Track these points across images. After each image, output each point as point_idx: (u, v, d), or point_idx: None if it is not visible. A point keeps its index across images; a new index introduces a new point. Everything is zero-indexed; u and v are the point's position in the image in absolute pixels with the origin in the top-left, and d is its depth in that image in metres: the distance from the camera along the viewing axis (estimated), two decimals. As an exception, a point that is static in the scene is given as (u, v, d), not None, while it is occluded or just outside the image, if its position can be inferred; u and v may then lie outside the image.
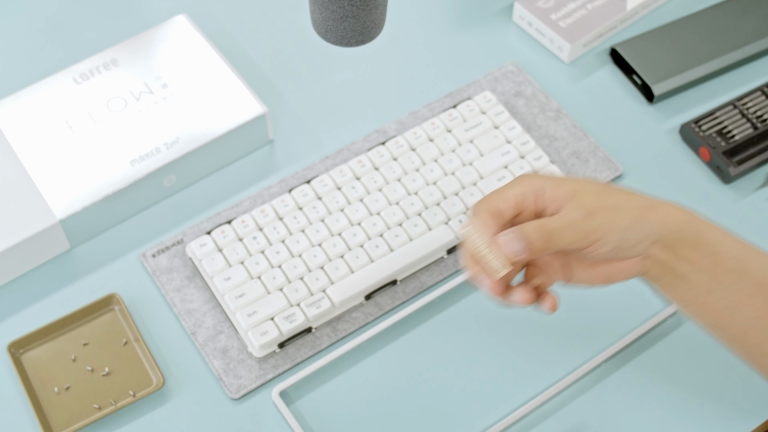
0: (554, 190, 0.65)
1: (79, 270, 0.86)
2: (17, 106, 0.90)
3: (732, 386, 0.79)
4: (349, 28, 0.72)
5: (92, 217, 0.86)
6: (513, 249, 0.64)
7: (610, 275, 0.68)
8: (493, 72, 0.97)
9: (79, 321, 0.82)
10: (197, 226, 0.87)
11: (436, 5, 1.03)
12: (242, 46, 0.99)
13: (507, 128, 0.90)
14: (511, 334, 0.82)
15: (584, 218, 0.64)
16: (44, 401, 0.78)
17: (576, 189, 0.65)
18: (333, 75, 0.98)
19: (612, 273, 0.67)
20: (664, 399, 0.78)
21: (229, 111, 0.90)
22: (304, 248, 0.84)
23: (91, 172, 0.86)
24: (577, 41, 0.97)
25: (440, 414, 0.78)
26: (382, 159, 0.89)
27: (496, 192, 0.66)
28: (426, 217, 0.85)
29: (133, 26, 1.00)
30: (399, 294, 0.83)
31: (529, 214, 0.66)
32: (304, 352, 0.81)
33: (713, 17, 0.98)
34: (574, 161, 0.91)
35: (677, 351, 0.81)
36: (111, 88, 0.91)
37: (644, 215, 0.65)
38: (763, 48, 0.97)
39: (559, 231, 0.64)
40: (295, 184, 0.89)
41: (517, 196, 0.66)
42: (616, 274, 0.67)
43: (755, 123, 0.92)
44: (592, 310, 0.82)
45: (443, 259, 0.85)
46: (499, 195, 0.66)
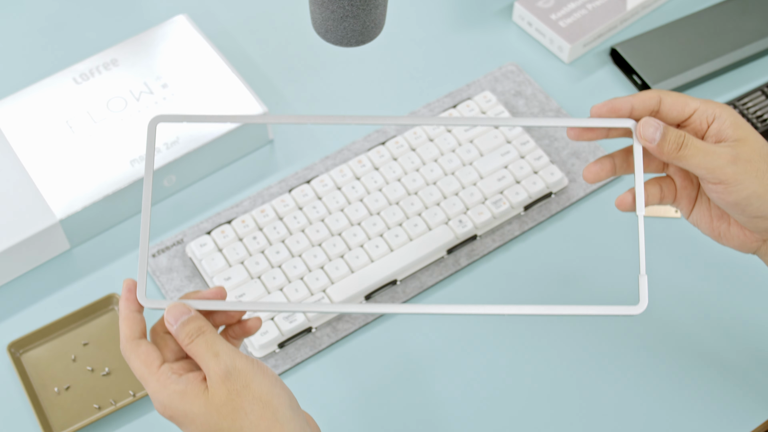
0: (729, 129, 0.66)
1: (79, 270, 0.86)
2: (17, 106, 0.90)
3: (732, 386, 0.79)
4: (349, 28, 0.72)
5: (92, 217, 0.86)
6: (647, 133, 0.65)
7: (724, 234, 0.69)
8: (493, 72, 0.97)
9: (79, 321, 0.82)
10: (197, 226, 0.87)
11: (436, 5, 1.03)
12: (242, 46, 0.99)
13: (507, 128, 0.90)
14: (513, 334, 0.82)
15: (729, 159, 0.64)
16: (44, 401, 0.78)
17: (745, 137, 0.66)
18: (333, 75, 0.98)
19: (728, 233, 0.68)
20: (664, 399, 0.78)
21: (229, 111, 0.90)
22: (304, 248, 0.84)
23: (91, 172, 0.86)
24: (577, 41, 0.97)
25: (437, 413, 0.78)
26: (382, 159, 0.89)
27: (684, 95, 0.68)
28: (426, 217, 0.85)
29: (133, 26, 1.00)
30: (399, 294, 0.83)
31: (696, 127, 0.67)
32: (304, 352, 0.81)
33: (713, 17, 0.98)
34: (574, 161, 0.91)
35: (677, 351, 0.81)
36: (111, 88, 0.91)
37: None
38: (763, 48, 0.97)
39: (696, 150, 0.65)
40: (295, 184, 0.89)
41: (698, 108, 0.67)
42: (731, 237, 0.69)
43: (755, 123, 0.92)
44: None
45: (443, 259, 0.85)
46: (684, 98, 0.67)
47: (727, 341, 0.81)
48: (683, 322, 0.82)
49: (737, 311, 0.82)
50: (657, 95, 0.68)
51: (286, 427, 0.59)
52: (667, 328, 0.82)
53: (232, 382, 0.59)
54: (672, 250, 0.85)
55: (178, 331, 0.62)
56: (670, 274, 0.84)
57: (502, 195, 0.87)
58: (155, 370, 0.61)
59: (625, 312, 0.63)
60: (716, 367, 0.79)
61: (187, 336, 0.61)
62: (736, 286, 0.83)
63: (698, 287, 0.84)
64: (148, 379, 0.61)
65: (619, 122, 0.67)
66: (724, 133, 0.66)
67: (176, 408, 0.60)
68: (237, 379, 0.60)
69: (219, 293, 0.65)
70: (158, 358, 0.61)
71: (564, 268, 0.85)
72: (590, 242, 0.86)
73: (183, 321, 0.62)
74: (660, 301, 0.83)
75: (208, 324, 0.62)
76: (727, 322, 0.82)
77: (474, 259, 0.85)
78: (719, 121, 0.66)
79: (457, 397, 0.79)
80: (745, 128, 0.66)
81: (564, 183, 0.89)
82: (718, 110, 0.67)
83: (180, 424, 0.61)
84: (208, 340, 0.61)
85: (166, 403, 0.60)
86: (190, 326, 0.61)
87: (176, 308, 0.62)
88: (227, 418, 0.59)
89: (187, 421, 0.60)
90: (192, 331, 0.61)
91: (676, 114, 0.68)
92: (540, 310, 0.63)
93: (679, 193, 0.70)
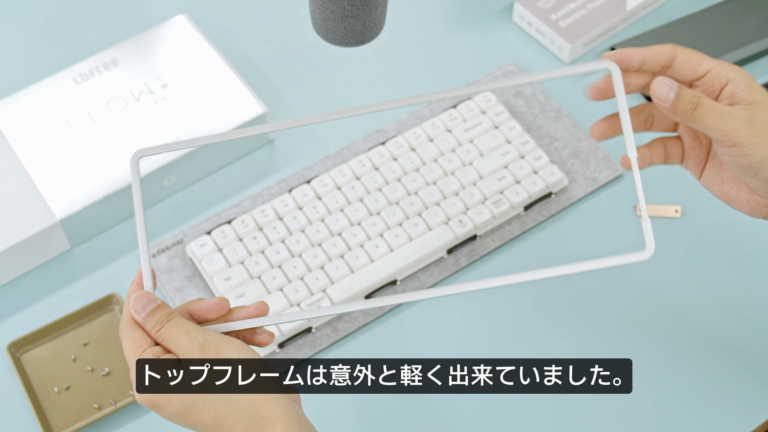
0: (744, 91, 0.65)
1: (79, 270, 0.86)
2: (17, 106, 0.90)
3: (732, 386, 0.79)
4: (349, 28, 0.72)
5: (92, 217, 0.86)
6: (661, 92, 0.64)
7: (735, 197, 0.68)
8: (493, 72, 0.97)
9: (79, 321, 0.82)
10: (197, 226, 0.87)
11: (436, 5, 1.03)
12: (242, 46, 0.99)
13: (507, 128, 0.90)
14: (515, 334, 0.82)
15: (744, 121, 0.63)
16: (44, 401, 0.78)
17: (760, 100, 0.64)
18: (333, 75, 0.98)
19: (738, 197, 0.68)
20: (664, 399, 0.78)
21: (229, 111, 0.90)
22: (304, 248, 0.84)
23: (91, 172, 0.86)
24: (577, 41, 0.97)
25: (437, 413, 0.78)
26: (382, 159, 0.89)
27: (699, 54, 0.66)
28: (426, 217, 0.85)
29: (133, 26, 1.00)
30: (399, 294, 0.83)
31: (710, 88, 0.66)
32: (304, 352, 0.81)
33: (713, 17, 0.98)
34: (574, 161, 0.91)
35: (677, 351, 0.81)
36: (111, 88, 0.91)
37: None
38: (763, 48, 0.97)
39: (711, 111, 0.63)
40: (295, 184, 0.89)
41: (712, 69, 0.65)
42: (741, 201, 0.68)
43: (755, 123, 0.92)
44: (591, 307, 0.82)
45: (443, 259, 0.85)
46: (698, 56, 0.66)
47: (721, 347, 0.81)
48: (685, 320, 0.82)
49: (739, 310, 0.82)
50: (671, 50, 0.66)
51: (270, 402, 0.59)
52: (661, 334, 0.82)
53: (205, 353, 0.60)
54: (672, 249, 0.85)
55: (146, 319, 0.62)
56: (670, 274, 0.84)
57: (502, 195, 0.87)
58: (140, 355, 0.61)
59: (633, 260, 0.61)
60: (716, 367, 0.79)
61: (157, 323, 0.61)
62: (736, 287, 0.83)
63: (698, 287, 0.84)
64: (133, 363, 0.61)
65: (597, 64, 0.65)
66: (738, 96, 0.65)
67: (153, 396, 0.60)
68: (209, 349, 0.60)
69: (262, 308, 0.65)
70: (147, 343, 0.62)
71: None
72: (590, 242, 0.86)
73: (151, 309, 0.62)
74: (661, 298, 0.83)
75: (175, 312, 0.62)
76: (721, 329, 0.82)
77: (474, 259, 0.85)
78: (733, 83, 0.65)
79: (458, 396, 0.79)
80: (760, 91, 0.65)
81: (564, 183, 0.89)
82: (732, 72, 0.65)
83: (158, 407, 0.61)
84: (178, 322, 0.61)
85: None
86: (159, 313, 0.62)
87: (142, 297, 0.62)
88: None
89: (163, 401, 0.60)
90: (161, 317, 0.61)
91: (688, 72, 0.66)
92: (544, 274, 0.62)
93: (687, 154, 0.69)
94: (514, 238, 0.87)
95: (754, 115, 0.63)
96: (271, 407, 0.59)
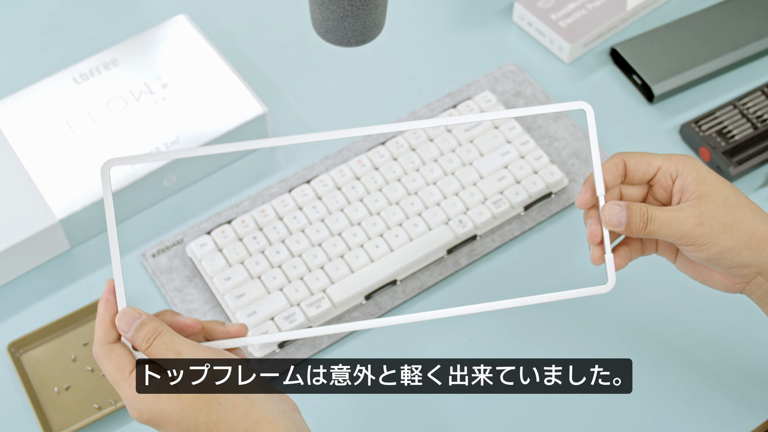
0: (692, 185, 0.67)
1: (79, 270, 0.86)
2: (17, 106, 0.90)
3: (732, 386, 0.79)
4: (349, 28, 0.72)
5: (92, 217, 0.86)
6: (612, 220, 0.66)
7: (708, 279, 0.70)
8: (493, 72, 0.97)
9: (79, 321, 0.82)
10: (197, 226, 0.87)
11: (436, 5, 1.03)
12: (242, 46, 0.99)
13: (507, 128, 0.90)
14: (516, 335, 0.82)
15: (694, 223, 0.65)
16: (44, 401, 0.78)
17: (707, 192, 0.66)
18: (333, 75, 0.98)
19: (711, 279, 0.70)
20: (664, 399, 0.78)
21: (229, 111, 0.90)
22: (304, 248, 0.84)
23: (91, 172, 0.86)
24: (577, 41, 0.97)
25: (438, 413, 0.78)
26: (382, 159, 0.89)
27: (647, 154, 0.68)
28: (426, 217, 0.85)
29: (133, 26, 1.00)
30: (399, 294, 0.83)
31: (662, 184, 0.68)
32: (304, 352, 0.81)
33: (713, 17, 0.98)
34: (574, 161, 0.91)
35: (677, 351, 0.81)
36: (111, 88, 0.91)
37: (758, 246, 0.66)
38: (763, 48, 0.97)
39: (660, 223, 0.65)
40: (295, 184, 0.89)
41: (662, 166, 0.67)
42: (715, 282, 0.70)
43: (755, 123, 0.92)
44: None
45: (443, 259, 0.85)
46: (647, 157, 0.68)
47: (722, 347, 0.81)
48: (685, 320, 0.82)
49: (739, 309, 0.82)
50: (620, 159, 0.68)
51: (263, 408, 0.59)
52: (661, 334, 0.82)
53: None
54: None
55: (134, 336, 0.61)
56: (670, 274, 0.84)
57: (502, 195, 0.87)
58: (127, 375, 0.60)
59: (594, 292, 0.65)
60: (716, 367, 0.79)
61: (144, 340, 0.60)
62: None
63: (698, 286, 0.84)
64: (121, 385, 0.60)
65: (572, 105, 0.67)
66: (687, 190, 0.67)
67: (151, 411, 0.60)
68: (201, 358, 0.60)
69: (242, 331, 0.65)
70: (131, 363, 0.61)
71: (564, 268, 0.85)
72: (590, 242, 0.86)
73: (136, 326, 0.61)
74: (661, 299, 0.83)
75: (162, 324, 0.61)
76: (721, 329, 0.82)
77: (474, 259, 0.85)
78: (682, 177, 0.67)
79: (458, 396, 0.79)
80: (707, 182, 0.67)
81: (564, 183, 0.89)
82: (681, 165, 0.67)
83: (158, 427, 0.60)
84: (167, 340, 0.60)
85: (140, 407, 0.60)
86: (146, 329, 0.61)
87: (127, 314, 0.61)
88: (202, 411, 0.59)
89: (164, 422, 0.60)
90: (148, 334, 0.60)
91: (641, 174, 0.68)
92: (509, 304, 0.66)
93: (660, 245, 0.71)
94: (514, 238, 0.87)
95: (702, 211, 0.65)
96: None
